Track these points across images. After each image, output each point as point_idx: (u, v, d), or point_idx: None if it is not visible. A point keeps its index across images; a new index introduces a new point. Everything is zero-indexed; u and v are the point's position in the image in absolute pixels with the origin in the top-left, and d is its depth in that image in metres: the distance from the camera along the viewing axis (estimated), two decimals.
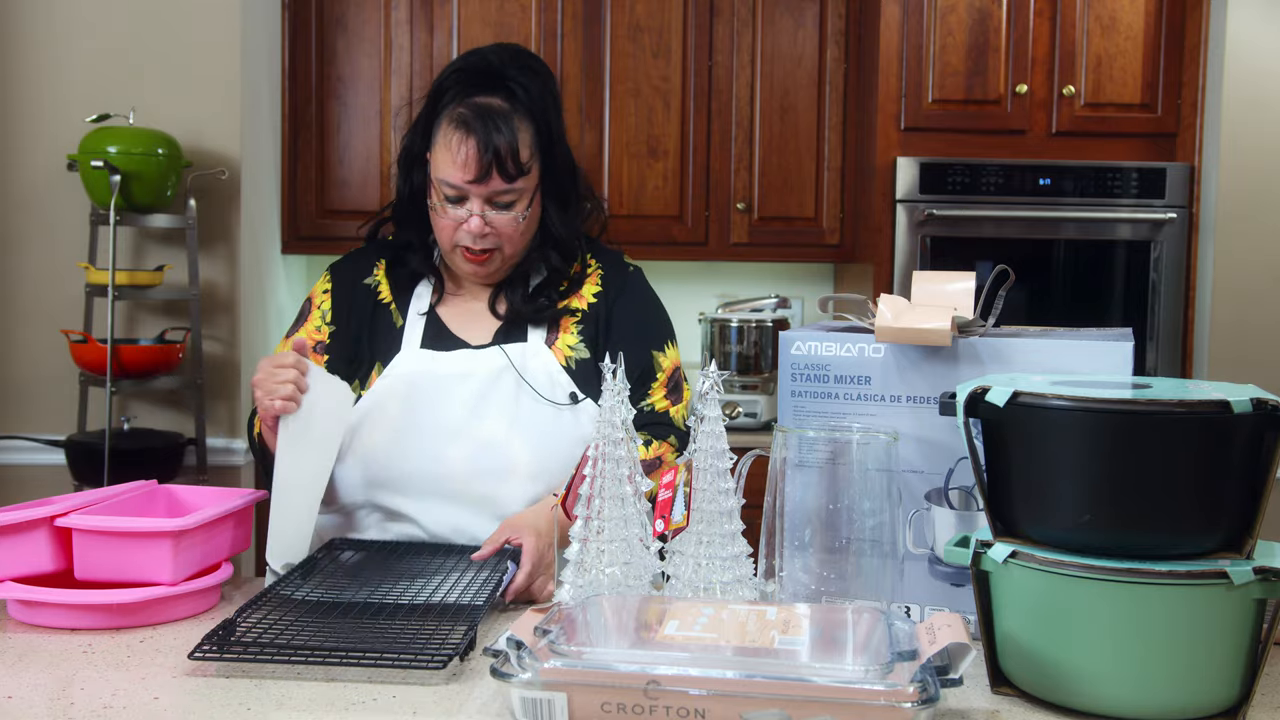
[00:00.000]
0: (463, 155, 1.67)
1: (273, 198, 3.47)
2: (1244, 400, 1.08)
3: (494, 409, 1.71)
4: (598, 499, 1.34)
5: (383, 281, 1.83)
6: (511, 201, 1.70)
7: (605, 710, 1.04)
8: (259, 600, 1.39)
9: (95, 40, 3.08)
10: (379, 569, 1.55)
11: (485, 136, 1.66)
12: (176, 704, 1.14)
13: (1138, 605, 1.09)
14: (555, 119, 1.75)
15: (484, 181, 1.67)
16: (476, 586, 1.45)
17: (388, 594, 1.43)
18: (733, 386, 3.54)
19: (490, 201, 1.69)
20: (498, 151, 1.66)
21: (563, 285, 1.81)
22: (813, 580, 1.30)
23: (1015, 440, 1.17)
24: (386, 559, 1.60)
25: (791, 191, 3.64)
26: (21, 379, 3.10)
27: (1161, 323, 3.37)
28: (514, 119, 1.69)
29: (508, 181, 1.68)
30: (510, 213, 1.71)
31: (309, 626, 1.30)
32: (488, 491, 1.69)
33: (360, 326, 1.80)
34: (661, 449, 1.75)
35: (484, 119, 1.67)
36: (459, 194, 1.69)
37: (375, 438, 1.71)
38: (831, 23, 3.61)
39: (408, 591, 1.44)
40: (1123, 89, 3.39)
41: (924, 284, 1.41)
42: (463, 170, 1.67)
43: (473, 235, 1.70)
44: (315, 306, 1.84)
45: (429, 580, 1.49)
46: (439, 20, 3.52)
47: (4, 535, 1.42)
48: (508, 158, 1.66)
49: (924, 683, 1.02)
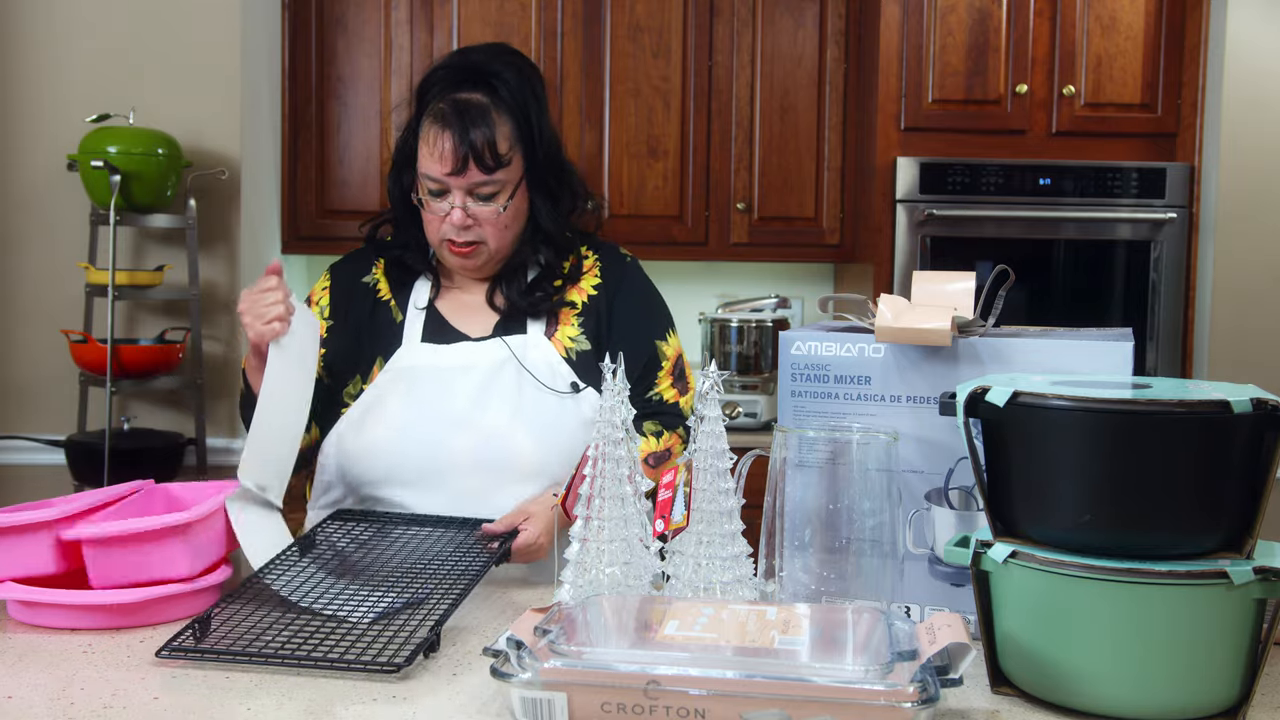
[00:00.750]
0: (440, 149, 1.71)
1: (273, 198, 3.47)
2: (1244, 400, 1.08)
3: (496, 399, 1.73)
4: (598, 499, 1.34)
5: (381, 279, 1.86)
6: (493, 193, 1.73)
7: (605, 710, 1.04)
8: (237, 594, 1.40)
9: (95, 40, 3.08)
10: (367, 554, 1.56)
11: (462, 130, 1.70)
12: (177, 704, 1.14)
13: (1138, 605, 1.09)
14: (538, 114, 1.77)
15: (462, 174, 1.71)
16: (455, 576, 1.47)
17: (365, 588, 1.44)
18: (733, 386, 3.54)
19: (471, 194, 1.72)
20: (474, 144, 1.69)
21: (557, 281, 1.82)
22: (813, 580, 1.30)
23: (1015, 440, 1.17)
24: (377, 540, 1.61)
25: (791, 191, 3.64)
26: (21, 379, 3.10)
27: (1161, 323, 3.37)
28: (492, 113, 1.72)
29: (486, 173, 1.71)
30: (491, 204, 1.73)
31: (279, 625, 1.33)
32: (490, 481, 1.70)
33: (359, 323, 1.82)
34: (671, 440, 1.78)
35: (461, 113, 1.71)
36: (440, 187, 1.73)
37: (378, 431, 1.72)
38: (831, 23, 3.61)
39: (385, 583, 1.45)
40: (1123, 89, 3.39)
41: (924, 284, 1.41)
42: (441, 163, 1.71)
43: (455, 228, 1.73)
44: (314, 303, 1.86)
45: (414, 565, 1.51)
46: (439, 20, 3.52)
47: (5, 536, 1.42)
48: (484, 150, 1.70)
49: (924, 683, 1.02)
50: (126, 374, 2.89)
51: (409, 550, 1.56)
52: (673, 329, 1.89)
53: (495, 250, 1.77)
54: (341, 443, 1.75)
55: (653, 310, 1.88)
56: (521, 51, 1.84)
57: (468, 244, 1.75)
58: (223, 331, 3.14)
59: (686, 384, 1.86)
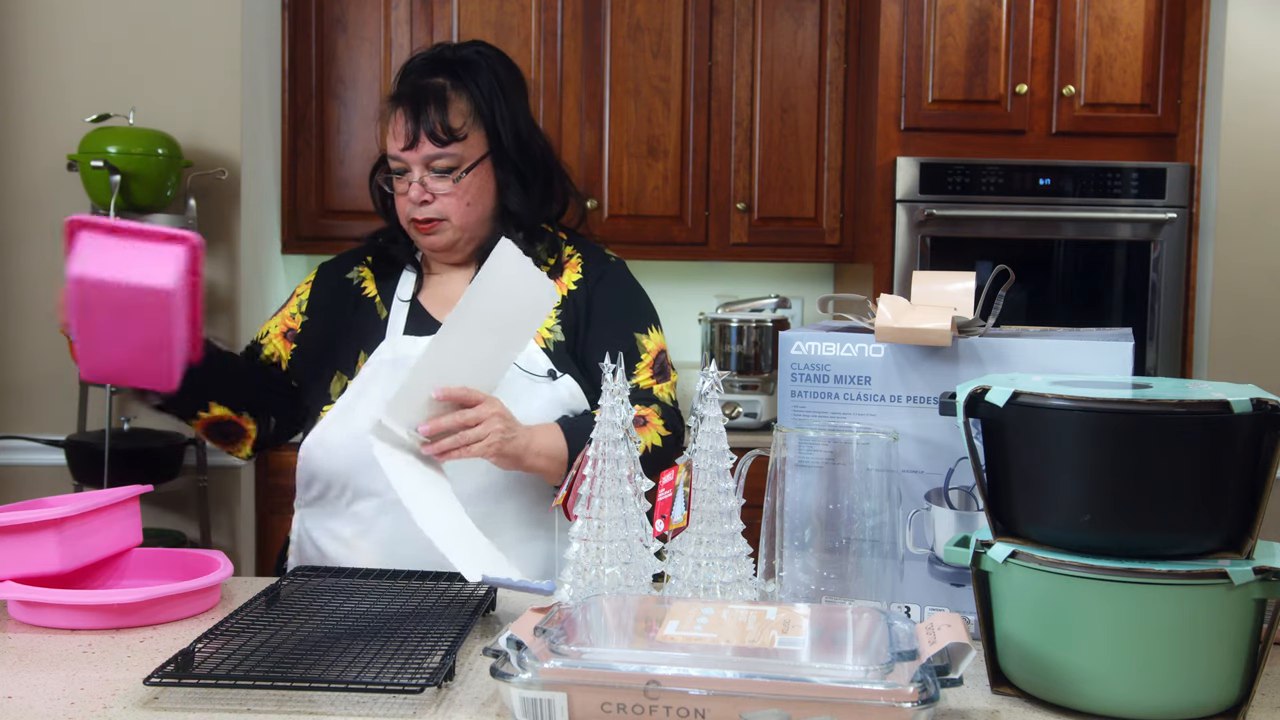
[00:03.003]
0: (395, 126, 1.78)
1: (273, 198, 3.47)
2: (1244, 400, 1.08)
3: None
4: (598, 499, 1.34)
5: (367, 276, 1.90)
6: (449, 167, 1.77)
7: (605, 710, 1.04)
8: (219, 629, 1.30)
9: (95, 40, 3.08)
10: (346, 594, 1.46)
11: (415, 106, 1.76)
12: (177, 704, 1.14)
13: (1138, 605, 1.09)
14: (502, 96, 1.81)
15: (415, 147, 1.76)
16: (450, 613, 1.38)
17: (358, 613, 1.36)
18: (733, 386, 3.54)
19: (428, 168, 1.77)
20: (425, 117, 1.75)
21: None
22: (813, 580, 1.30)
23: (1015, 440, 1.17)
24: (354, 586, 1.51)
25: (791, 191, 3.64)
26: (21, 379, 3.10)
27: (1161, 323, 3.37)
28: (447, 90, 1.79)
29: (438, 146, 1.76)
30: (447, 178, 1.77)
31: (269, 650, 1.23)
32: (469, 466, 1.68)
33: (340, 319, 1.86)
34: (646, 411, 1.78)
35: (415, 91, 1.78)
36: (401, 165, 1.79)
37: (360, 423, 1.73)
38: (831, 23, 3.61)
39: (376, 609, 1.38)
40: (1123, 89, 3.39)
41: (924, 284, 1.41)
42: (396, 140, 1.78)
43: (414, 204, 1.78)
44: (295, 295, 1.92)
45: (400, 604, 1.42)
46: (439, 20, 3.51)
47: (5, 535, 1.42)
48: (436, 123, 1.75)
49: (924, 683, 1.02)
50: None
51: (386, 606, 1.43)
52: (657, 326, 1.89)
53: (460, 227, 1.80)
54: (325, 436, 1.76)
55: (634, 305, 1.89)
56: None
57: (428, 220, 1.79)
58: (223, 332, 3.14)
59: (667, 376, 1.87)
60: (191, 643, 1.23)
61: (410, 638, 1.28)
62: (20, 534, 1.41)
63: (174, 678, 1.15)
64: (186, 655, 1.19)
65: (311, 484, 1.78)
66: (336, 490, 1.77)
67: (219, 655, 1.21)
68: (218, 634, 1.28)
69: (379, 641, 1.27)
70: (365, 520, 1.75)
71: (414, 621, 1.34)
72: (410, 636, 1.28)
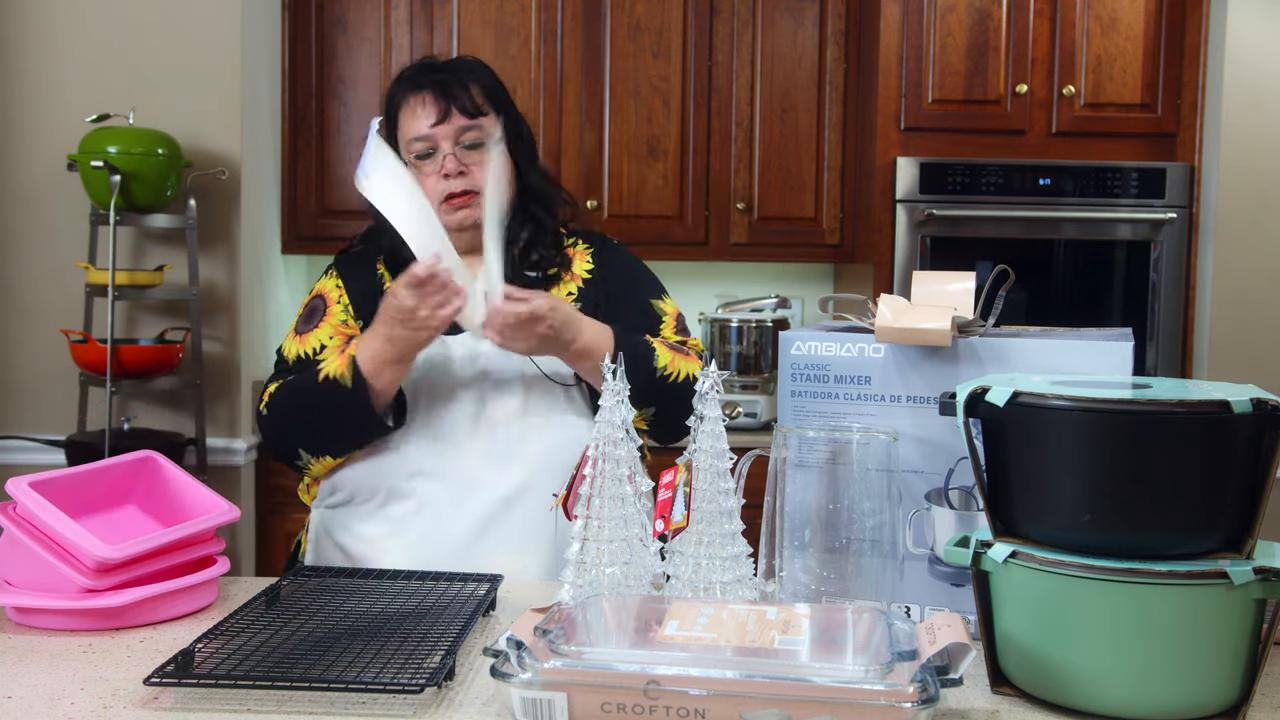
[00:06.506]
0: (421, 106, 1.78)
1: (273, 198, 3.47)
2: (1244, 400, 1.08)
3: (502, 389, 1.76)
4: (598, 499, 1.34)
5: (386, 277, 1.86)
6: (480, 140, 1.79)
7: (605, 710, 1.04)
8: (218, 629, 1.29)
9: (95, 40, 3.08)
10: (349, 593, 1.46)
11: (439, 84, 1.79)
12: (177, 704, 1.14)
13: (1138, 605, 1.09)
14: (504, 95, 1.86)
15: (447, 120, 1.78)
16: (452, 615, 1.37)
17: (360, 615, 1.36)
18: (733, 386, 3.54)
19: (458, 142, 1.79)
20: (453, 93, 1.78)
21: (554, 264, 1.86)
22: (813, 580, 1.30)
23: (1015, 440, 1.17)
24: (356, 585, 1.50)
25: (791, 191, 3.64)
26: (21, 379, 3.11)
27: (1161, 323, 3.37)
28: (461, 73, 1.83)
29: (469, 117, 1.78)
30: (480, 150, 1.79)
31: (272, 652, 1.23)
32: (496, 472, 1.72)
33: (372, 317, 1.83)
34: (691, 342, 1.85)
35: (434, 73, 1.81)
36: (428, 145, 1.79)
37: None
38: (831, 23, 3.61)
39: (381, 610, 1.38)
40: (1123, 89, 3.39)
41: (924, 284, 1.41)
42: (424, 118, 1.78)
43: (450, 175, 1.78)
44: (334, 302, 1.84)
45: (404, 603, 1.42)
46: (439, 20, 3.51)
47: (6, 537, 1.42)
48: (463, 96, 1.79)
49: (924, 683, 1.02)
50: (126, 374, 2.89)
51: (389, 603, 1.43)
52: (665, 293, 1.94)
53: None
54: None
55: (643, 276, 1.94)
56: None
57: (465, 193, 1.78)
58: (223, 332, 3.14)
59: (689, 334, 1.91)
60: (191, 643, 1.23)
61: (410, 638, 1.28)
62: None
63: (174, 678, 1.15)
64: (186, 655, 1.19)
65: (337, 490, 1.77)
66: (365, 495, 1.76)
67: (219, 655, 1.21)
68: (218, 634, 1.28)
69: (379, 641, 1.27)
70: (396, 521, 1.74)
71: (414, 621, 1.34)
72: (410, 636, 1.29)
